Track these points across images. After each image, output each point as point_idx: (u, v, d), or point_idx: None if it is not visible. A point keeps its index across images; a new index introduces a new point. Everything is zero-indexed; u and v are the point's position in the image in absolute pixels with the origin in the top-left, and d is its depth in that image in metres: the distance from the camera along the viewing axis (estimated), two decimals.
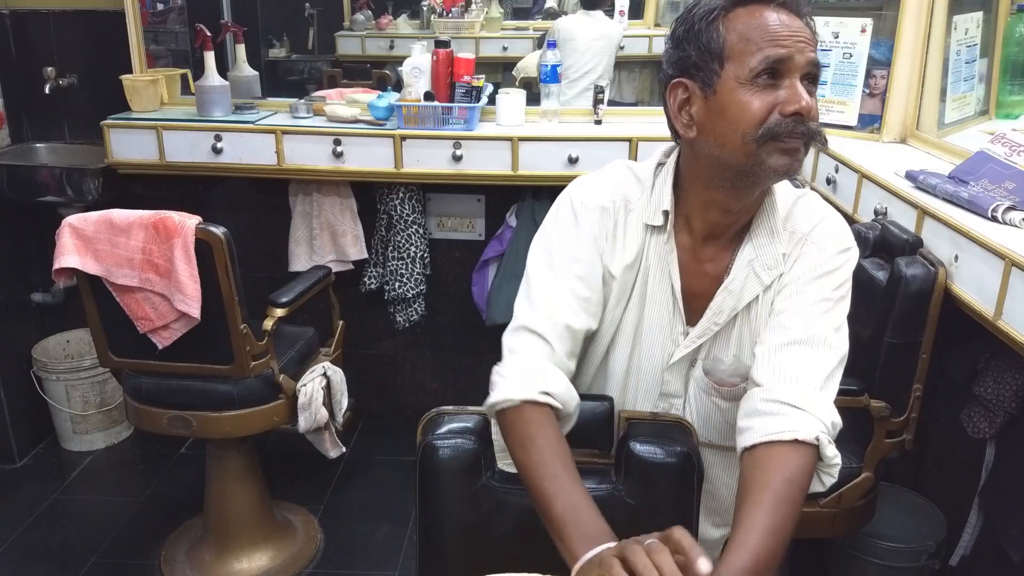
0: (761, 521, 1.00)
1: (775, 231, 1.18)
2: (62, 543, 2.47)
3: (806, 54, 1.07)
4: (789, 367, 1.12)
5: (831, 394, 1.14)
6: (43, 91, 2.75)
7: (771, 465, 1.05)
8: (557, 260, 1.20)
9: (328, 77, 2.99)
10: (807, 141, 1.09)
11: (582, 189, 1.24)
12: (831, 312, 1.17)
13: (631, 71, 3.22)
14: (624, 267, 1.22)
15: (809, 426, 1.07)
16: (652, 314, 1.24)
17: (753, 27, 1.08)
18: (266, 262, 2.84)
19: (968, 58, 2.20)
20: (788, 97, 1.07)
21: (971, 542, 1.91)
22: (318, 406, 2.22)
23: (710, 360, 1.24)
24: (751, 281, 1.19)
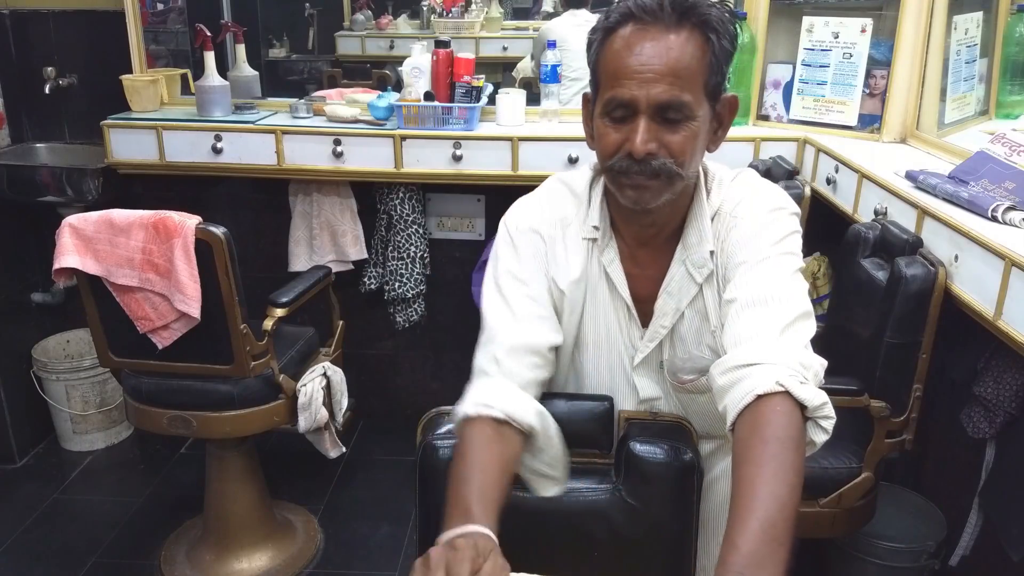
0: (753, 491, 0.91)
1: (703, 230, 1.18)
2: (62, 543, 2.47)
3: (654, 91, 1.05)
4: (740, 332, 1.07)
5: (794, 342, 1.05)
6: (43, 91, 2.75)
7: (746, 432, 0.97)
8: (506, 287, 1.20)
9: (328, 77, 2.99)
10: (655, 176, 1.09)
11: (515, 214, 1.25)
12: (775, 269, 1.12)
13: None
14: (571, 282, 1.22)
15: (766, 376, 0.99)
16: (610, 323, 1.25)
17: (611, 59, 1.09)
18: (266, 262, 2.84)
19: (968, 58, 2.20)
20: (630, 137, 1.08)
21: (971, 542, 1.91)
22: (318, 406, 2.22)
23: (669, 360, 1.25)
24: (686, 281, 1.20)
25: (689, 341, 1.23)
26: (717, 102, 1.13)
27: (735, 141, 2.42)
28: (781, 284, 1.10)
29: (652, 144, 1.07)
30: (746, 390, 0.99)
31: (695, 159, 1.12)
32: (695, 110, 1.07)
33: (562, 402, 1.27)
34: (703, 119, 1.09)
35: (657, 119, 1.07)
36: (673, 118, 1.07)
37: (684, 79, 1.05)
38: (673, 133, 1.07)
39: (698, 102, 1.07)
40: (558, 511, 1.23)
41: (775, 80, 2.49)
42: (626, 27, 1.08)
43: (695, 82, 1.06)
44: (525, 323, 1.18)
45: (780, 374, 0.98)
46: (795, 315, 1.07)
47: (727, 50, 1.10)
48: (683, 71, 1.05)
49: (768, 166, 2.34)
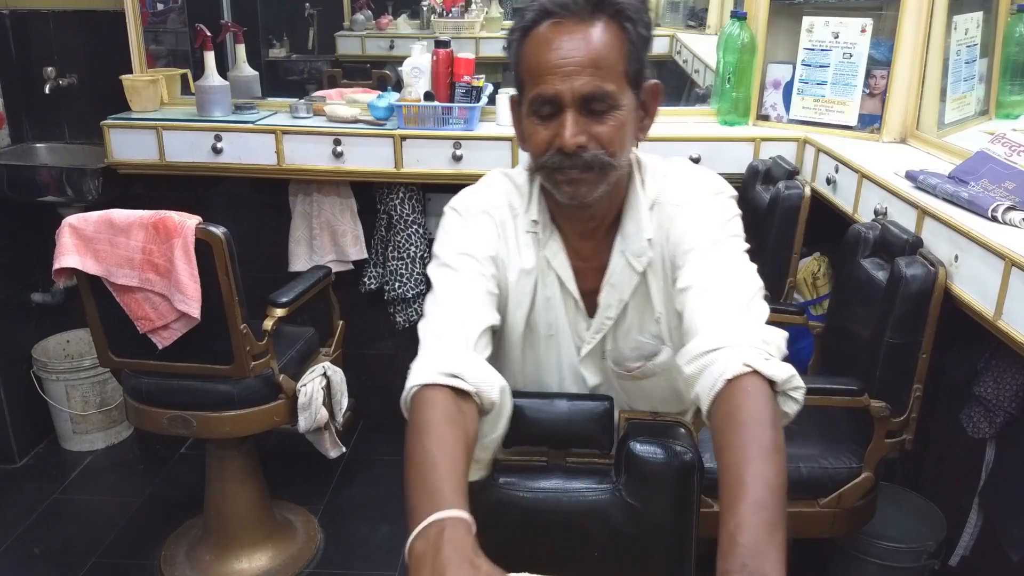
0: (739, 476, 0.89)
1: (639, 218, 1.20)
2: (62, 543, 2.47)
3: (577, 84, 1.06)
4: (699, 318, 1.07)
5: (753, 320, 1.06)
6: (43, 91, 2.75)
7: (722, 419, 0.97)
8: (457, 261, 1.17)
9: (328, 77, 2.99)
10: (589, 169, 1.10)
11: (464, 198, 1.24)
12: (725, 252, 1.14)
13: None
14: (521, 271, 1.23)
15: (732, 359, 0.98)
16: (559, 315, 1.25)
17: (532, 56, 1.10)
18: (266, 262, 2.84)
19: (968, 58, 2.20)
20: (559, 133, 1.09)
21: (971, 542, 1.91)
22: (318, 406, 2.22)
23: (613, 350, 1.26)
24: (628, 271, 1.21)
25: (633, 330, 1.25)
26: (640, 90, 1.13)
27: (735, 141, 2.43)
28: (733, 266, 1.13)
29: (581, 137, 1.08)
30: (715, 376, 0.99)
31: (625, 148, 1.13)
32: (619, 99, 1.09)
33: (562, 402, 1.27)
34: (628, 108, 1.11)
35: (583, 112, 1.08)
36: (599, 109, 1.08)
37: (605, 69, 1.07)
38: (601, 124, 1.09)
39: (621, 91, 1.09)
40: (558, 511, 1.23)
41: (775, 80, 2.49)
42: (542, 24, 1.09)
43: (616, 71, 1.08)
44: (477, 298, 1.15)
45: (745, 355, 0.99)
46: (751, 295, 1.09)
47: (644, 37, 1.11)
48: (602, 61, 1.06)
49: (768, 166, 2.34)
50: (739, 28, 2.43)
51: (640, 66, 1.11)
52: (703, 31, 3.06)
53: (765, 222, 2.22)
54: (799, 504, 1.72)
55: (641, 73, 1.12)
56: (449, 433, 0.97)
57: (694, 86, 2.99)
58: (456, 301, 1.15)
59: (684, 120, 2.60)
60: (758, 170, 2.36)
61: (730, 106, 2.51)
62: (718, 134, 2.45)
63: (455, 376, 1.02)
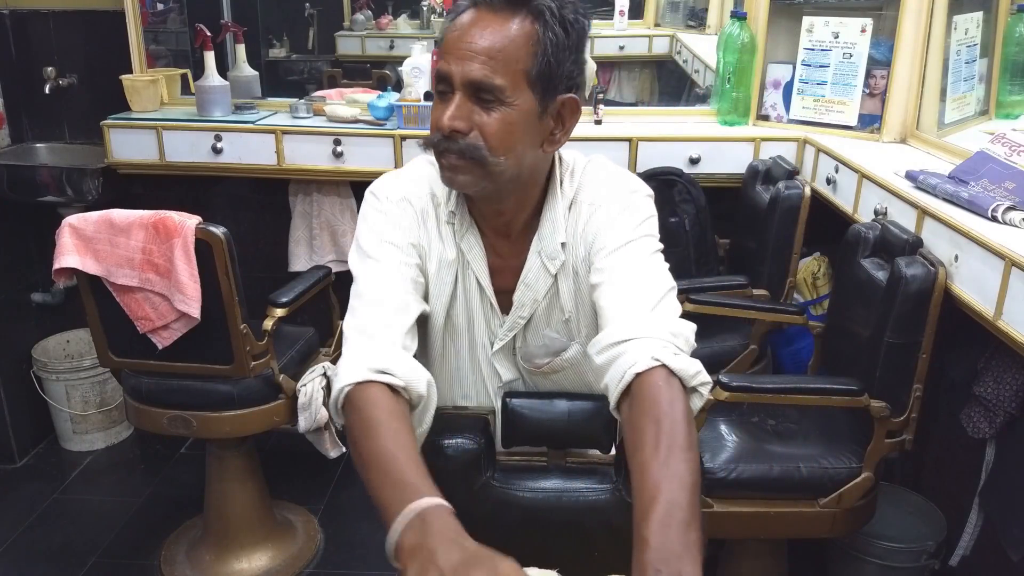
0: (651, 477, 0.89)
1: (556, 220, 1.19)
2: (62, 543, 2.47)
3: (467, 68, 1.06)
4: (611, 311, 1.08)
5: (664, 315, 1.06)
6: (43, 91, 2.75)
7: (634, 415, 0.97)
8: (378, 250, 1.16)
9: (328, 77, 2.99)
10: (467, 158, 1.08)
11: (385, 184, 1.23)
12: (638, 250, 1.14)
13: (631, 71, 3.23)
14: (441, 261, 1.22)
15: (642, 352, 0.99)
16: (475, 308, 1.25)
17: (445, 37, 1.11)
18: (266, 262, 2.84)
19: (968, 58, 2.20)
20: (441, 112, 1.09)
21: (971, 542, 1.91)
22: (318, 406, 2.22)
23: (524, 347, 1.27)
24: (542, 272, 1.21)
25: (540, 327, 1.25)
26: (551, 99, 1.11)
27: (735, 141, 2.43)
28: (646, 264, 1.13)
29: (459, 122, 1.07)
30: (623, 368, 1.00)
31: (514, 150, 1.10)
32: (509, 95, 1.07)
33: (562, 402, 1.27)
34: (522, 108, 1.08)
35: (474, 99, 1.07)
36: (487, 100, 1.07)
37: (499, 62, 1.06)
38: (487, 116, 1.08)
39: (515, 88, 1.07)
40: (558, 511, 1.24)
41: (775, 80, 2.49)
42: (465, 12, 1.10)
43: (513, 68, 1.06)
44: (401, 288, 1.15)
45: (654, 348, 0.99)
46: (662, 292, 1.09)
47: (557, 44, 1.08)
48: (499, 54, 1.05)
49: (768, 166, 2.35)
50: (739, 28, 2.44)
51: (551, 73, 1.08)
52: (703, 31, 3.06)
53: (765, 222, 2.22)
54: (799, 504, 1.72)
55: (552, 81, 1.09)
56: (399, 427, 0.98)
57: (694, 86, 3.00)
58: (381, 294, 1.13)
59: (684, 120, 2.60)
60: (758, 170, 2.36)
61: (730, 106, 2.51)
62: (718, 134, 2.45)
63: (385, 372, 1.03)
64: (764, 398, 1.73)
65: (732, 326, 2.20)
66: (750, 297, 2.20)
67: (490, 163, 1.09)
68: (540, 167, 1.18)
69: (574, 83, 1.13)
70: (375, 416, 0.99)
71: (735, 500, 1.72)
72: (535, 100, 1.09)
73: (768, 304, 2.18)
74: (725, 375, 1.68)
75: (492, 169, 1.09)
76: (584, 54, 1.13)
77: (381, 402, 1.01)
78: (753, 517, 1.73)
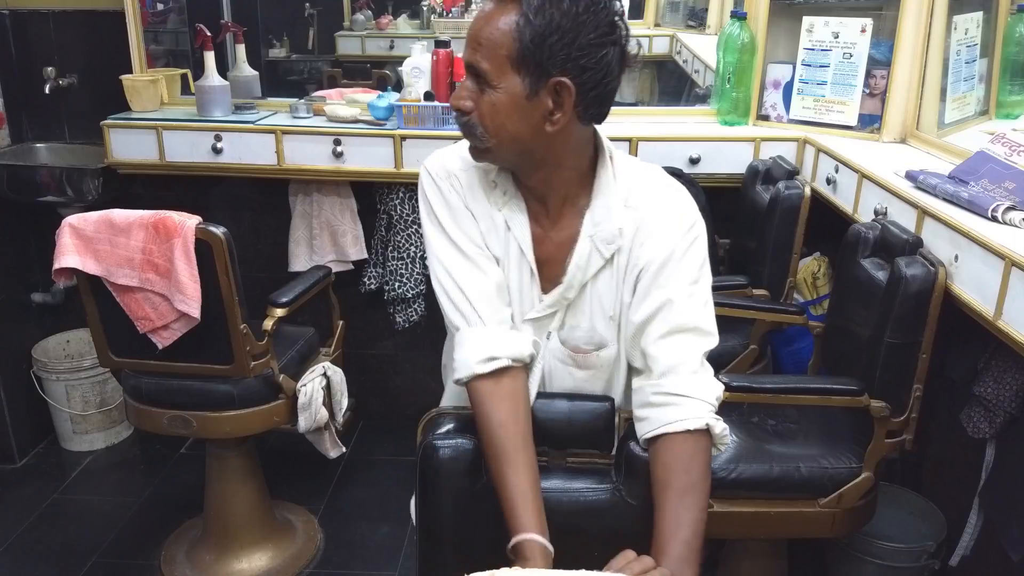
0: (673, 518, 1.12)
1: (610, 207, 1.24)
2: (62, 543, 2.47)
3: (468, 54, 1.16)
4: (670, 356, 1.21)
5: (709, 370, 1.23)
6: (43, 91, 2.75)
7: (669, 459, 1.16)
8: (450, 230, 1.27)
9: (328, 77, 2.98)
10: (470, 133, 1.19)
11: (435, 160, 1.32)
12: (695, 295, 1.23)
13: (631, 71, 3.22)
14: (492, 225, 1.28)
15: (697, 413, 1.17)
16: (512, 277, 1.29)
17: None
18: (266, 262, 2.84)
19: (968, 58, 2.20)
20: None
21: (971, 542, 1.91)
22: (318, 406, 2.22)
23: (566, 329, 1.30)
24: (594, 255, 1.25)
25: (585, 314, 1.28)
26: (542, 82, 1.14)
27: (735, 141, 2.43)
28: (699, 312, 1.23)
29: (463, 101, 1.18)
30: (676, 417, 1.17)
31: (504, 129, 1.17)
32: (494, 79, 1.14)
33: (562, 402, 1.27)
34: (508, 92, 1.15)
35: (476, 82, 1.17)
36: (480, 83, 1.17)
37: (486, 47, 1.14)
38: (481, 97, 1.17)
39: (499, 72, 1.14)
40: (558, 511, 1.23)
41: (775, 80, 2.49)
42: (485, 3, 1.18)
43: (497, 54, 1.13)
44: (479, 266, 1.26)
45: (706, 413, 1.18)
46: (711, 344, 1.23)
47: (543, 31, 1.11)
48: (485, 40, 1.14)
49: (768, 166, 2.35)
50: (739, 28, 2.44)
51: (535, 58, 1.12)
52: (703, 31, 3.06)
53: (765, 222, 2.22)
54: (799, 504, 1.72)
55: (539, 65, 1.13)
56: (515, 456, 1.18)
57: (694, 86, 2.99)
58: (466, 276, 1.25)
59: (684, 120, 2.60)
60: (758, 170, 2.36)
61: (730, 106, 2.51)
62: (718, 134, 2.45)
63: (492, 358, 1.21)
64: (764, 398, 1.74)
65: (732, 326, 2.19)
66: (750, 297, 2.20)
67: (481, 140, 1.19)
68: (563, 146, 1.21)
69: (575, 66, 1.14)
70: (499, 438, 1.18)
71: (735, 500, 1.72)
72: (522, 83, 1.14)
73: (768, 304, 2.18)
74: (725, 375, 1.67)
75: (489, 147, 1.19)
76: (586, 38, 1.13)
77: (497, 391, 1.21)
78: (753, 517, 1.73)
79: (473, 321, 1.25)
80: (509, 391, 1.21)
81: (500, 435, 1.18)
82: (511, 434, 1.18)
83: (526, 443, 1.19)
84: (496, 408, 1.20)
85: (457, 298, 1.26)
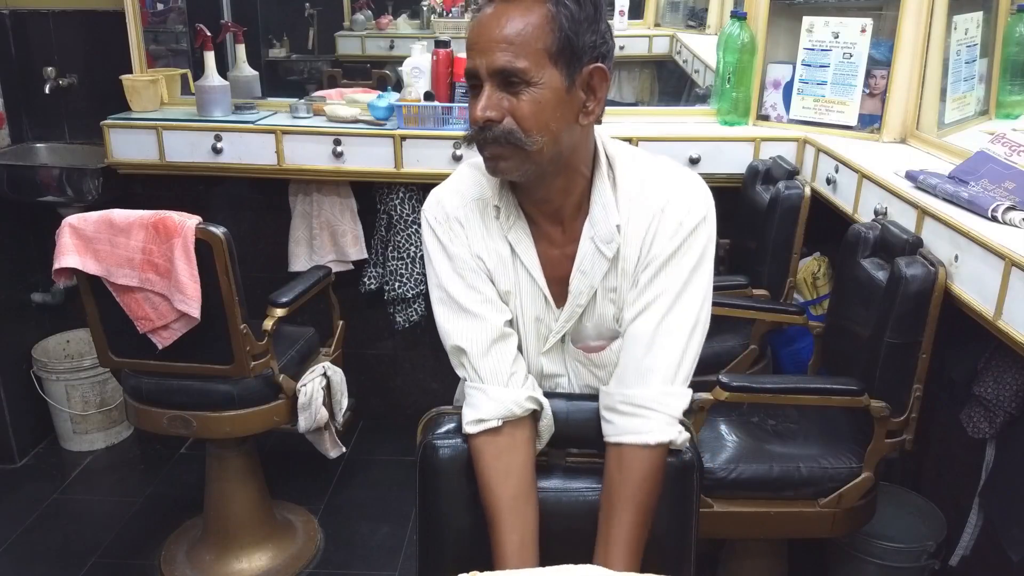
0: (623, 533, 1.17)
1: (606, 204, 1.21)
2: (62, 543, 2.47)
3: (491, 59, 1.10)
4: (645, 360, 1.20)
5: (686, 370, 1.21)
6: (43, 91, 2.75)
7: (628, 468, 1.18)
8: (448, 284, 1.25)
9: (328, 77, 2.98)
10: (505, 143, 1.12)
11: (432, 204, 1.28)
12: (688, 287, 1.20)
13: (631, 71, 3.23)
14: (500, 258, 1.25)
15: (661, 429, 1.19)
16: (526, 305, 1.27)
17: (467, 34, 1.14)
18: (266, 262, 2.84)
19: (968, 58, 2.20)
20: (475, 107, 1.13)
21: (971, 542, 1.91)
22: (318, 406, 2.22)
23: (576, 330, 1.28)
24: (597, 257, 1.22)
25: (596, 316, 1.26)
26: (577, 72, 1.13)
27: (735, 141, 2.43)
28: (690, 309, 1.21)
29: (491, 111, 1.11)
30: (639, 429, 1.19)
31: (548, 127, 1.12)
32: (534, 76, 1.10)
33: (562, 402, 1.27)
34: (550, 86, 1.11)
35: (502, 87, 1.11)
36: (514, 84, 1.11)
37: (518, 45, 1.09)
38: (517, 100, 1.11)
39: (538, 68, 1.10)
40: (558, 511, 1.24)
41: (775, 80, 2.49)
42: (484, 9, 1.13)
43: (533, 48, 1.09)
44: (481, 316, 1.24)
45: (670, 431, 1.19)
46: (698, 339, 1.22)
47: (572, 17, 1.10)
48: (517, 38, 1.09)
49: (768, 166, 2.34)
50: (739, 28, 2.43)
51: (572, 46, 1.11)
52: (703, 31, 3.06)
53: (765, 222, 2.22)
54: (799, 504, 1.72)
55: (575, 53, 1.11)
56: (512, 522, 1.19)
57: (694, 86, 2.99)
58: (466, 332, 1.24)
59: (684, 120, 2.60)
60: (758, 170, 2.36)
61: (730, 106, 2.51)
62: (718, 134, 2.45)
63: (480, 421, 1.21)
64: (764, 398, 1.73)
65: (732, 326, 2.20)
66: (750, 297, 2.20)
67: (527, 144, 1.12)
68: (582, 146, 1.20)
69: (599, 52, 1.14)
70: (488, 500, 1.20)
71: (735, 500, 1.72)
72: (561, 76, 1.12)
73: (768, 304, 2.18)
74: (725, 375, 1.67)
75: (530, 150, 1.12)
76: (604, 23, 1.14)
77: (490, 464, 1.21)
78: (753, 517, 1.73)
79: (472, 378, 1.25)
80: (502, 448, 1.21)
81: (489, 498, 1.20)
82: (499, 495, 1.19)
83: (515, 503, 1.19)
84: (486, 468, 1.21)
85: (456, 355, 1.27)
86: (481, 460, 1.21)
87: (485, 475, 1.21)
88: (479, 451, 1.22)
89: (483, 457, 1.21)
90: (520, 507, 1.20)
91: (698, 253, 1.20)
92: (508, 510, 1.19)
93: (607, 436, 1.21)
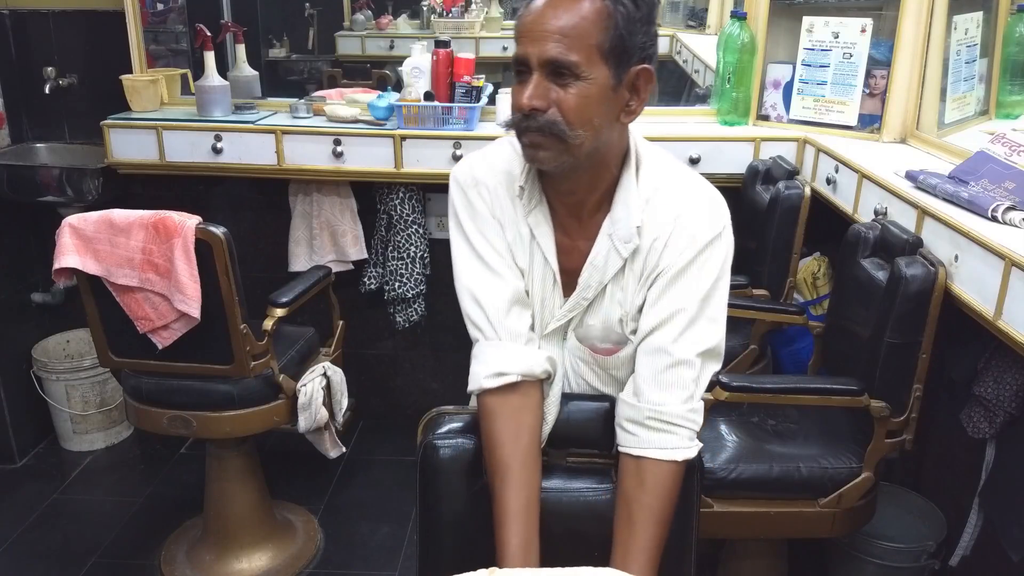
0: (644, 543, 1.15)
1: (629, 204, 1.21)
2: (62, 543, 2.47)
3: (542, 48, 1.10)
4: (668, 375, 1.20)
5: (703, 382, 1.23)
6: (43, 91, 2.75)
7: (652, 482, 1.17)
8: (475, 241, 1.26)
9: (328, 77, 2.98)
10: (547, 134, 1.12)
11: (463, 167, 1.29)
12: (706, 308, 1.21)
13: None
14: (518, 235, 1.26)
15: (687, 446, 1.20)
16: (536, 286, 1.28)
17: (519, 21, 1.14)
18: (266, 262, 2.84)
19: (968, 58, 2.20)
20: (520, 93, 1.13)
21: (971, 542, 1.91)
22: (318, 406, 2.22)
23: (582, 328, 1.29)
24: (612, 254, 1.23)
25: (602, 314, 1.26)
26: (625, 71, 1.14)
27: (735, 141, 2.43)
28: (707, 327, 1.21)
29: (537, 100, 1.11)
30: (665, 445, 1.19)
31: (591, 122, 1.13)
32: (584, 70, 1.10)
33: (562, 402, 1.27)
34: (598, 82, 1.12)
35: (551, 78, 1.11)
36: (563, 76, 1.11)
37: (572, 38, 1.09)
38: (564, 92, 1.11)
39: (589, 63, 1.10)
40: (558, 511, 1.24)
41: (775, 80, 2.49)
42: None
43: (586, 43, 1.10)
44: (500, 275, 1.24)
45: (690, 448, 1.20)
46: (714, 367, 1.24)
47: (628, 17, 1.12)
48: (571, 31, 1.09)
49: (768, 166, 2.35)
50: (739, 28, 2.43)
51: (626, 45, 1.12)
52: (703, 31, 3.06)
53: (765, 222, 2.22)
54: (799, 504, 1.72)
55: (627, 53, 1.13)
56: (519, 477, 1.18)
57: (694, 86, 2.99)
58: (487, 287, 1.24)
59: (684, 120, 2.60)
60: (758, 170, 2.36)
61: (730, 106, 2.51)
62: (718, 134, 2.45)
63: (501, 374, 1.20)
64: (764, 398, 1.73)
65: (732, 326, 2.16)
66: (750, 297, 2.20)
67: (569, 137, 1.12)
68: (616, 144, 1.21)
69: (647, 54, 1.16)
70: (497, 456, 1.19)
71: (735, 500, 1.72)
72: (609, 73, 1.13)
73: (768, 304, 2.18)
74: (725, 375, 1.67)
75: (571, 143, 1.13)
76: (655, 25, 1.16)
77: (502, 404, 1.20)
78: (753, 517, 1.73)
79: (489, 335, 1.24)
80: (516, 407, 1.20)
81: (499, 453, 1.18)
82: (510, 452, 1.18)
83: (525, 462, 1.19)
84: (499, 425, 1.20)
85: (475, 311, 1.25)
86: (495, 417, 1.20)
87: (497, 432, 1.19)
88: (493, 408, 1.20)
89: (498, 414, 1.20)
90: (530, 466, 1.19)
91: (716, 270, 1.21)
92: (520, 467, 1.18)
93: (626, 447, 1.20)
